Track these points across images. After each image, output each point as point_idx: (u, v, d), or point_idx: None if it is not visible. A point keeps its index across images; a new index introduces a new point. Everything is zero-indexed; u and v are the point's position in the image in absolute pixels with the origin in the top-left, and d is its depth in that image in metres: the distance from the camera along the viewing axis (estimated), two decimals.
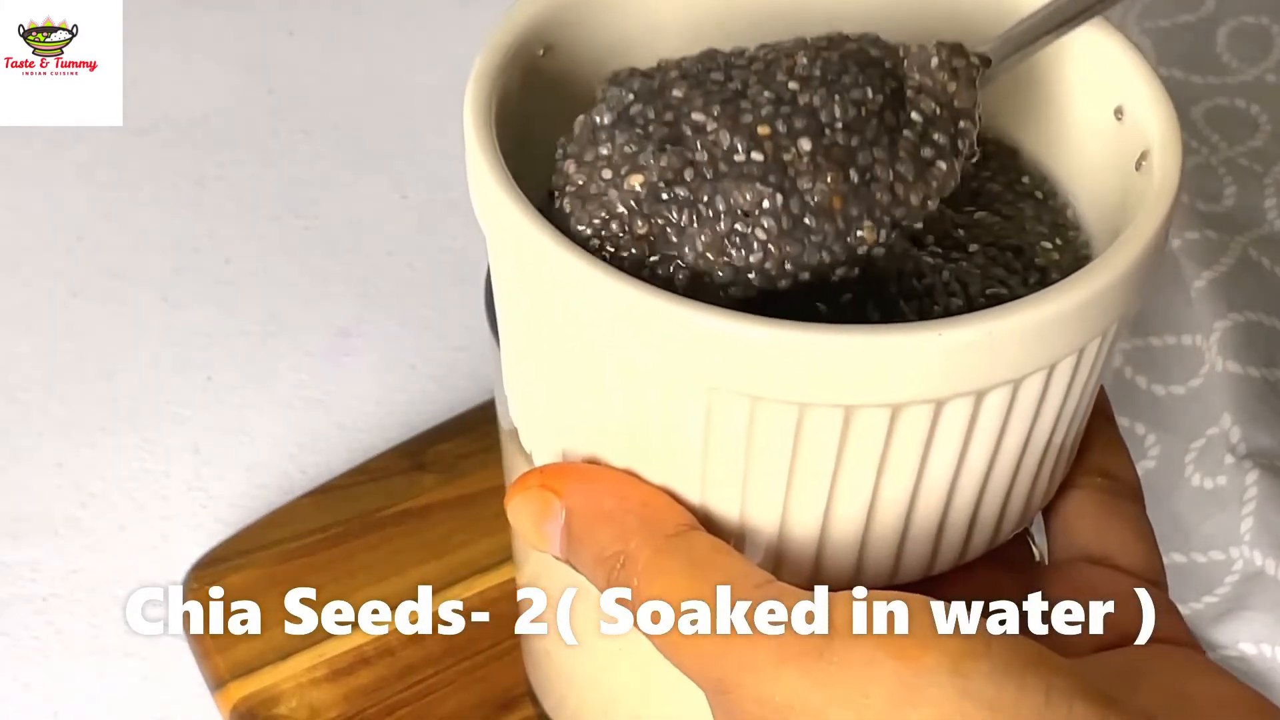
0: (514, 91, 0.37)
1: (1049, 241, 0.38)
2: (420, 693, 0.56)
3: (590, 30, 0.40)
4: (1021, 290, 0.37)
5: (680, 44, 0.40)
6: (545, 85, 0.39)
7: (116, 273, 0.70)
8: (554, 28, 0.39)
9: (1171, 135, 0.36)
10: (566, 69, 0.39)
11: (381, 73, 0.78)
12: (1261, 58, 0.70)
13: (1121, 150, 0.38)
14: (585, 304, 0.33)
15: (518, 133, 0.37)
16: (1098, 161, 0.39)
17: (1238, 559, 0.56)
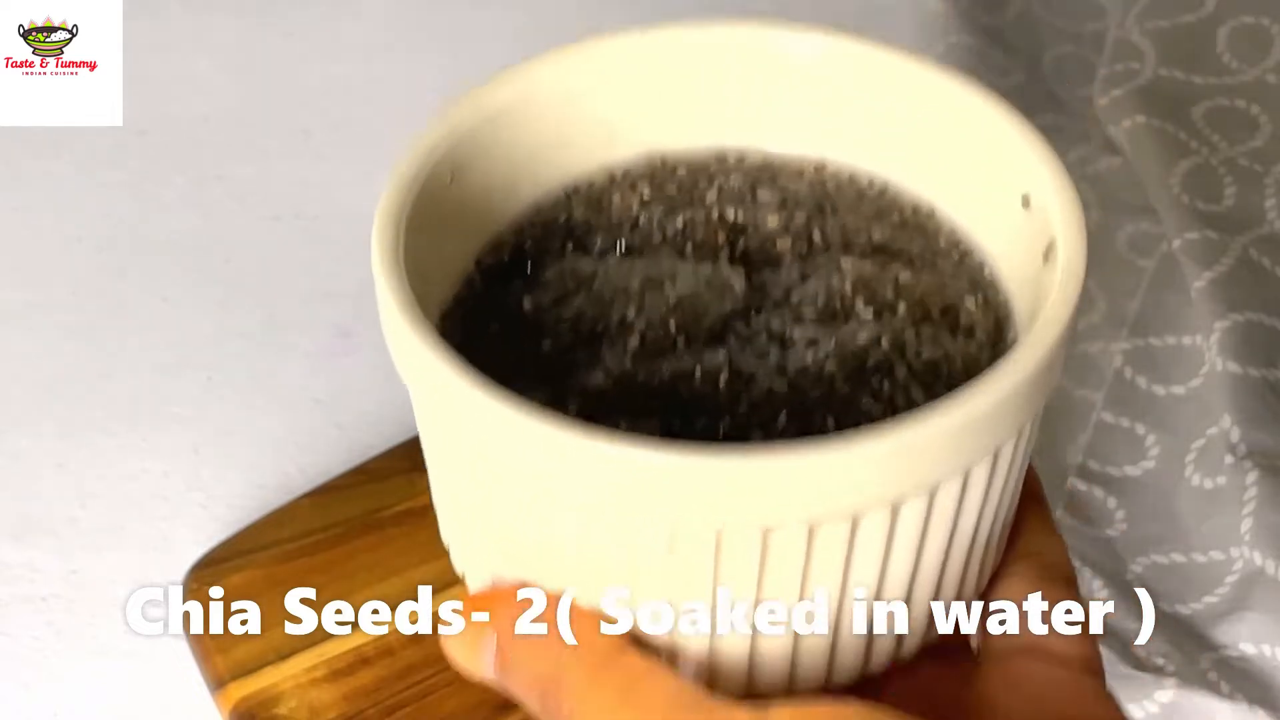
0: (422, 218, 0.38)
1: (971, 301, 0.39)
2: (420, 693, 0.56)
3: (496, 151, 0.40)
4: (954, 350, 0.37)
5: (586, 155, 0.40)
6: (453, 208, 0.39)
7: (116, 273, 0.70)
8: (460, 153, 0.39)
9: (1075, 230, 0.36)
10: (475, 191, 0.39)
11: (381, 73, 0.78)
12: (1261, 58, 0.70)
13: (1030, 238, 0.38)
14: (499, 440, 0.33)
15: (424, 253, 0.37)
16: (1009, 240, 0.39)
17: (1238, 559, 0.56)
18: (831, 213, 0.41)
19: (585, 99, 0.41)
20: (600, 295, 0.38)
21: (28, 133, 0.75)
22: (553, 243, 0.40)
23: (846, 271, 0.39)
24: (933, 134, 0.40)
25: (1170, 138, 0.67)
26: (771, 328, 0.38)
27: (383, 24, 0.80)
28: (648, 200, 0.41)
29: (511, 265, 0.40)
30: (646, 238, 0.40)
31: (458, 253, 0.39)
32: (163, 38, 0.79)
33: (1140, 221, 0.66)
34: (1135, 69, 0.69)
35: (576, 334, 0.38)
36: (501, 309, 0.38)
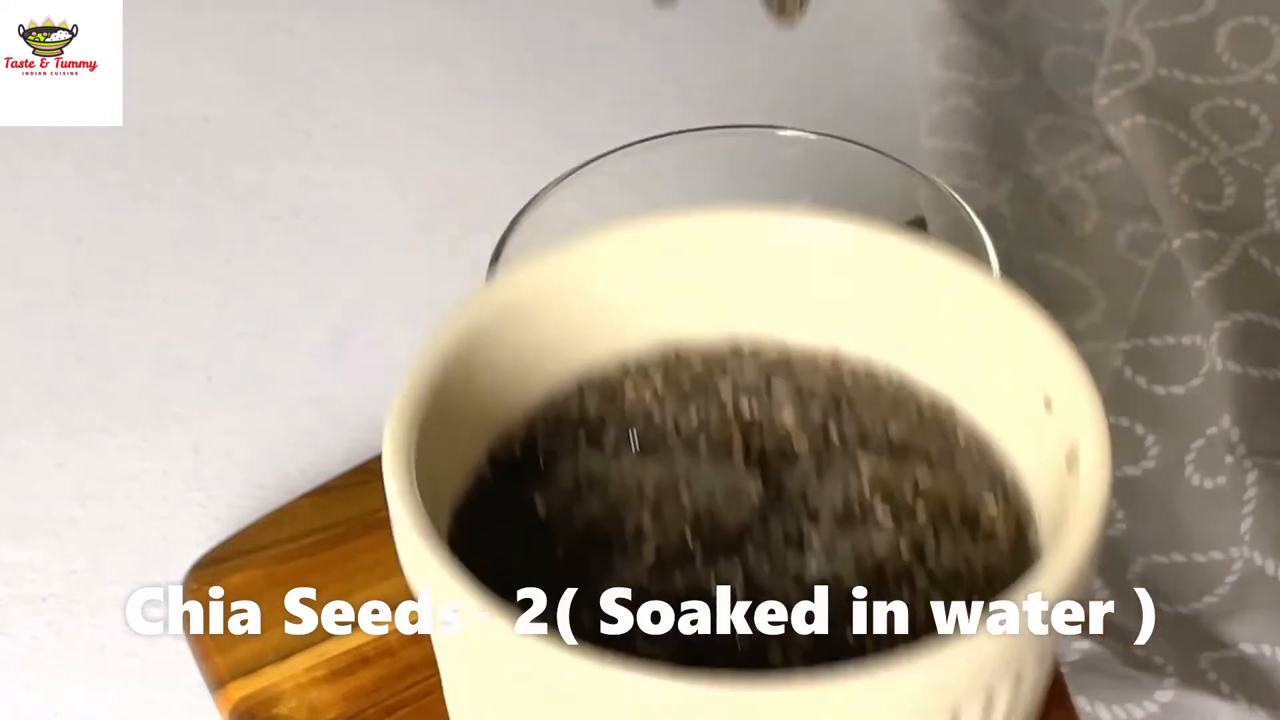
0: (434, 418, 0.37)
1: (992, 503, 0.38)
2: (420, 693, 0.56)
3: (508, 345, 0.39)
4: (974, 555, 0.37)
5: (598, 344, 0.40)
6: (466, 405, 0.39)
7: (116, 273, 0.70)
8: (472, 351, 0.39)
9: (1098, 439, 0.36)
10: (487, 386, 0.39)
11: (381, 73, 0.78)
12: (1261, 58, 0.70)
13: (1052, 441, 0.37)
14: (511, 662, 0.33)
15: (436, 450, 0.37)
16: (1030, 440, 0.38)
17: (1237, 559, 0.56)
18: (848, 407, 0.40)
19: (597, 289, 0.40)
20: (614, 500, 0.38)
21: (28, 133, 0.75)
22: (565, 436, 0.39)
23: (864, 471, 0.38)
24: (951, 327, 0.39)
25: (1170, 138, 0.67)
26: (789, 536, 0.37)
27: (383, 24, 0.80)
28: (661, 392, 0.40)
29: (524, 459, 0.39)
30: (660, 433, 0.39)
31: (470, 446, 0.39)
32: (163, 38, 0.79)
33: (1140, 221, 0.66)
34: (1135, 69, 0.69)
35: (589, 541, 0.37)
36: (514, 508, 0.38)
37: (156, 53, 0.78)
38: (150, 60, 0.78)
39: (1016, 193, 0.67)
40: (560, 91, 0.77)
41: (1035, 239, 0.66)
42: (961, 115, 0.69)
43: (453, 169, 0.74)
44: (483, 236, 0.71)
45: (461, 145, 0.75)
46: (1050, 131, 0.70)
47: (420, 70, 0.78)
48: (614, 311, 0.41)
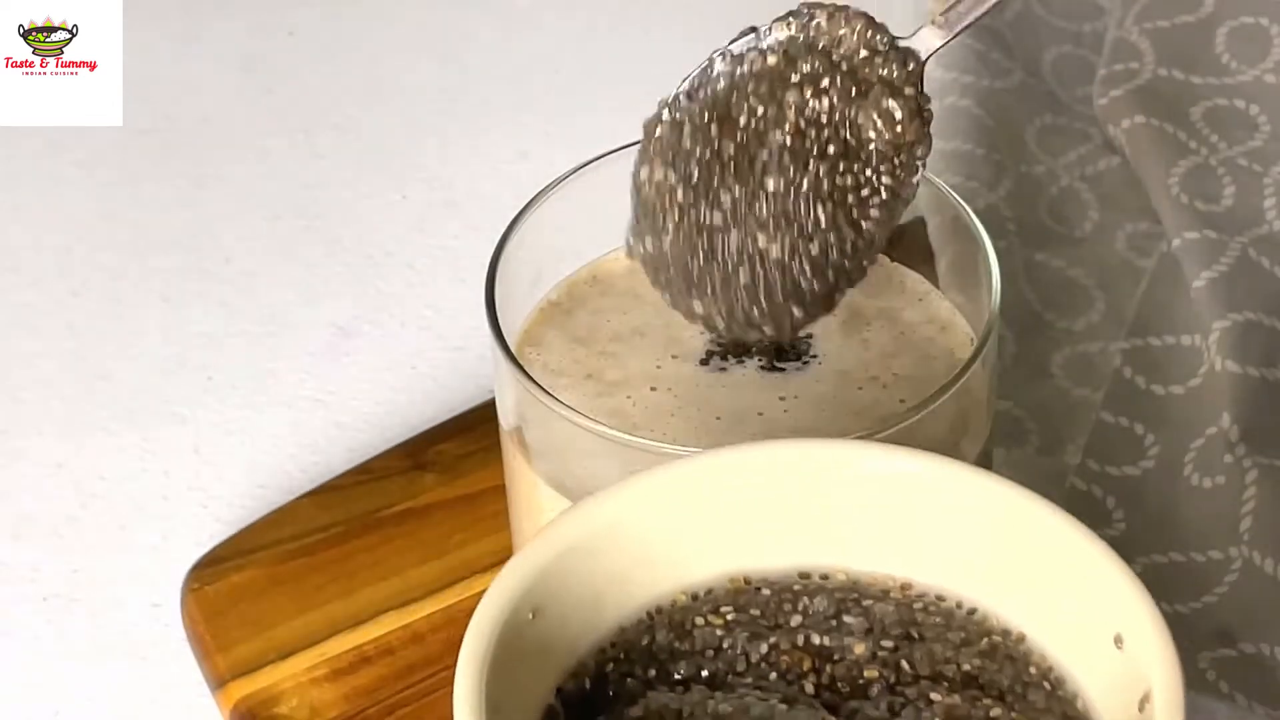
0: (503, 657, 0.37)
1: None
2: (420, 692, 0.56)
3: (576, 582, 0.39)
4: None
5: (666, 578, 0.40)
6: (535, 642, 0.39)
7: (116, 273, 0.70)
8: (541, 589, 0.39)
9: (1172, 683, 0.36)
10: (555, 622, 0.39)
11: (381, 73, 0.78)
12: (1261, 58, 0.70)
13: (1124, 679, 0.37)
14: None
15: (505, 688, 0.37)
16: (1102, 675, 0.38)
17: (1237, 558, 0.56)
18: (919, 639, 0.40)
19: (664, 523, 0.40)
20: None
21: (28, 133, 0.75)
22: (635, 671, 0.39)
23: (937, 707, 0.38)
24: (1021, 559, 0.39)
25: (1170, 138, 0.67)
26: None
27: (383, 24, 0.80)
28: (731, 623, 0.40)
29: (594, 693, 0.39)
30: (730, 666, 0.39)
31: (539, 684, 0.38)
32: (163, 38, 0.79)
33: (1140, 221, 0.66)
34: (1135, 69, 0.69)
35: None
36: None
37: (156, 53, 0.78)
38: (150, 60, 0.78)
39: (1016, 193, 0.67)
40: (560, 91, 0.77)
41: (1035, 239, 0.66)
42: (961, 115, 0.69)
43: (453, 169, 0.74)
44: (483, 236, 0.71)
45: (461, 145, 0.75)
46: (1050, 131, 0.70)
47: (420, 70, 0.78)
48: (680, 545, 0.40)
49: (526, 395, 0.47)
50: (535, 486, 0.48)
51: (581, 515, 0.39)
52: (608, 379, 0.50)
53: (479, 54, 0.79)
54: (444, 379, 0.67)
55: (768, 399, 0.49)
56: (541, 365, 0.50)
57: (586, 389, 0.49)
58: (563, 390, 0.49)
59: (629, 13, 0.80)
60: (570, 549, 0.39)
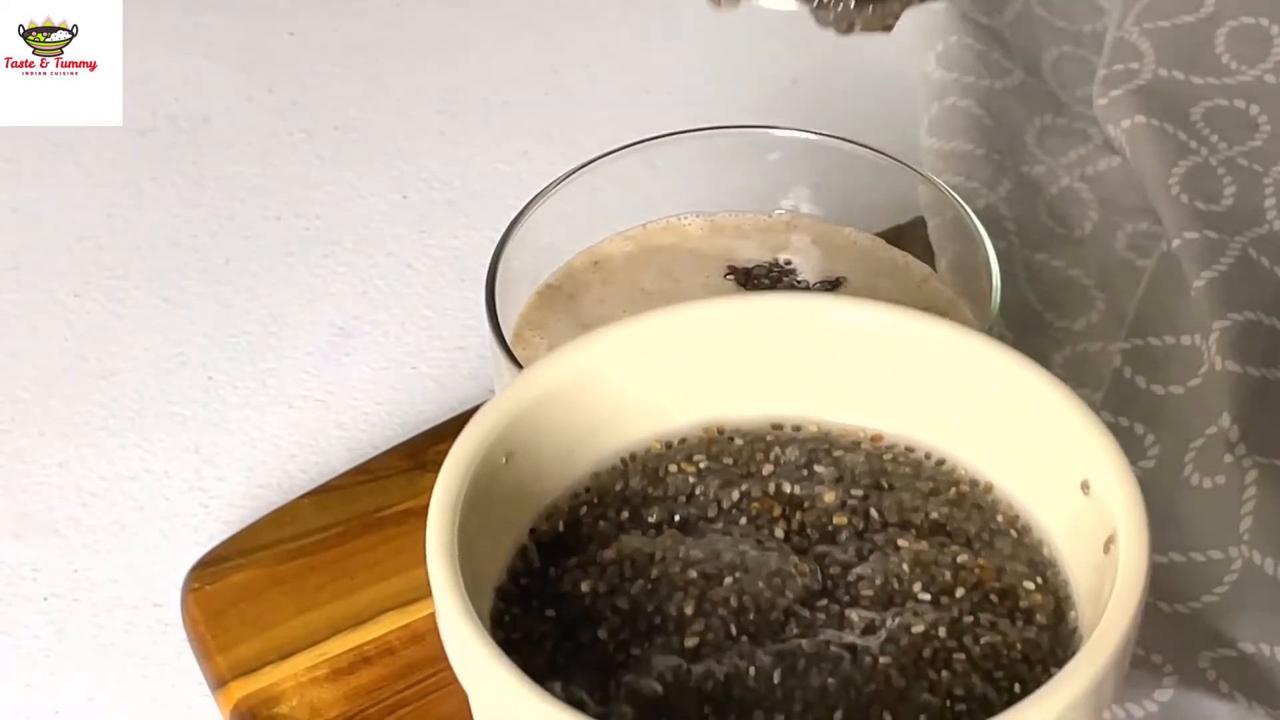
0: (476, 500, 0.38)
1: (1030, 581, 0.39)
2: (421, 692, 0.56)
3: (550, 428, 0.40)
4: (1013, 636, 0.37)
5: (641, 426, 0.41)
6: (508, 486, 0.39)
7: (116, 273, 0.70)
8: (514, 434, 0.39)
9: (1137, 524, 0.36)
10: (529, 467, 0.39)
11: (381, 73, 0.78)
12: (1261, 58, 0.70)
13: (1090, 524, 0.38)
14: None
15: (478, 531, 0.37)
16: (1069, 521, 0.39)
17: (1237, 558, 0.56)
18: (889, 488, 0.40)
19: (639, 373, 0.41)
20: (656, 583, 0.38)
21: (28, 133, 0.75)
22: (608, 514, 0.40)
23: (904, 552, 0.39)
24: (990, 410, 0.40)
25: (1170, 138, 0.67)
26: (829, 617, 0.37)
27: (383, 24, 0.80)
28: (704, 470, 0.41)
29: (567, 537, 0.39)
30: (702, 511, 0.40)
31: (512, 525, 0.39)
32: (163, 38, 0.79)
33: (1140, 221, 0.66)
34: (1135, 69, 0.69)
35: (629, 625, 0.37)
36: (556, 586, 0.38)
37: (156, 53, 0.78)
38: (150, 60, 0.78)
39: (1016, 193, 0.67)
40: (560, 92, 0.77)
41: (1035, 239, 0.66)
42: (961, 115, 0.69)
43: (453, 169, 0.74)
44: (483, 236, 0.71)
45: (461, 145, 0.75)
46: (1050, 131, 0.70)
47: (420, 70, 0.78)
48: (655, 394, 0.41)
49: None
50: None
51: (557, 362, 0.40)
52: None
53: (479, 54, 0.79)
54: (444, 379, 0.67)
55: None
56: (547, 349, 0.50)
57: None
58: None
59: (629, 13, 0.81)
60: (546, 395, 0.40)
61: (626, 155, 0.52)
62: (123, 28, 0.71)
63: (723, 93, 0.76)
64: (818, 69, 0.77)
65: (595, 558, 0.39)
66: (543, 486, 0.40)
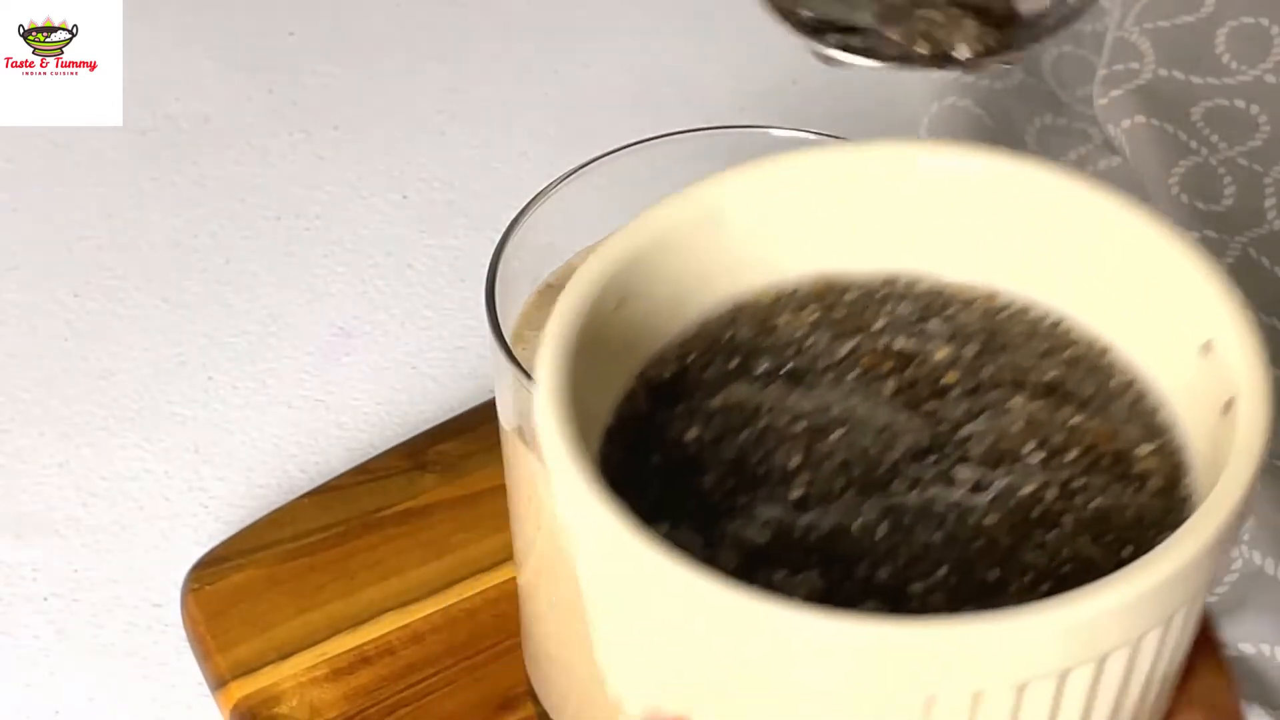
0: (587, 344, 0.37)
1: (1145, 445, 0.38)
2: (420, 692, 0.56)
3: (663, 274, 0.39)
4: (1124, 500, 0.37)
5: (754, 275, 0.40)
6: (619, 331, 0.38)
7: (116, 273, 0.70)
8: (627, 278, 0.38)
9: (1259, 387, 0.35)
10: (640, 313, 0.39)
11: (381, 73, 0.78)
12: (1261, 58, 0.70)
13: (1210, 386, 0.37)
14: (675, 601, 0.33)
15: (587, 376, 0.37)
16: (1187, 384, 0.38)
17: (1237, 559, 0.56)
18: (1002, 348, 0.40)
19: (755, 220, 0.40)
20: (763, 433, 0.38)
21: (28, 133, 0.75)
22: (716, 363, 0.39)
23: (1016, 412, 0.38)
24: (1110, 267, 0.39)
25: (1170, 138, 0.67)
26: (937, 474, 0.37)
27: (383, 24, 0.80)
28: (815, 323, 0.40)
29: (675, 384, 0.39)
30: (812, 364, 0.39)
31: (620, 371, 0.38)
32: (163, 38, 0.79)
33: None
34: (1135, 69, 0.69)
35: (735, 473, 0.37)
36: (662, 434, 0.38)
37: (156, 53, 0.78)
38: (150, 60, 0.78)
39: None
40: (560, 91, 0.77)
41: None
42: (961, 115, 0.69)
43: (453, 169, 0.74)
44: (483, 236, 0.71)
45: (461, 145, 0.75)
46: (1050, 131, 0.70)
47: (420, 70, 0.78)
48: (769, 243, 0.40)
49: (527, 395, 0.47)
50: (536, 484, 0.48)
51: (675, 206, 0.39)
52: None
53: (479, 54, 0.79)
54: (444, 379, 0.67)
55: None
56: None
57: None
58: None
59: (629, 13, 0.81)
60: (661, 238, 0.39)
61: (626, 155, 0.52)
62: (123, 28, 0.71)
63: (723, 93, 0.76)
64: (818, 69, 0.77)
65: (702, 406, 0.38)
66: (652, 333, 0.39)
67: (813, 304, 0.40)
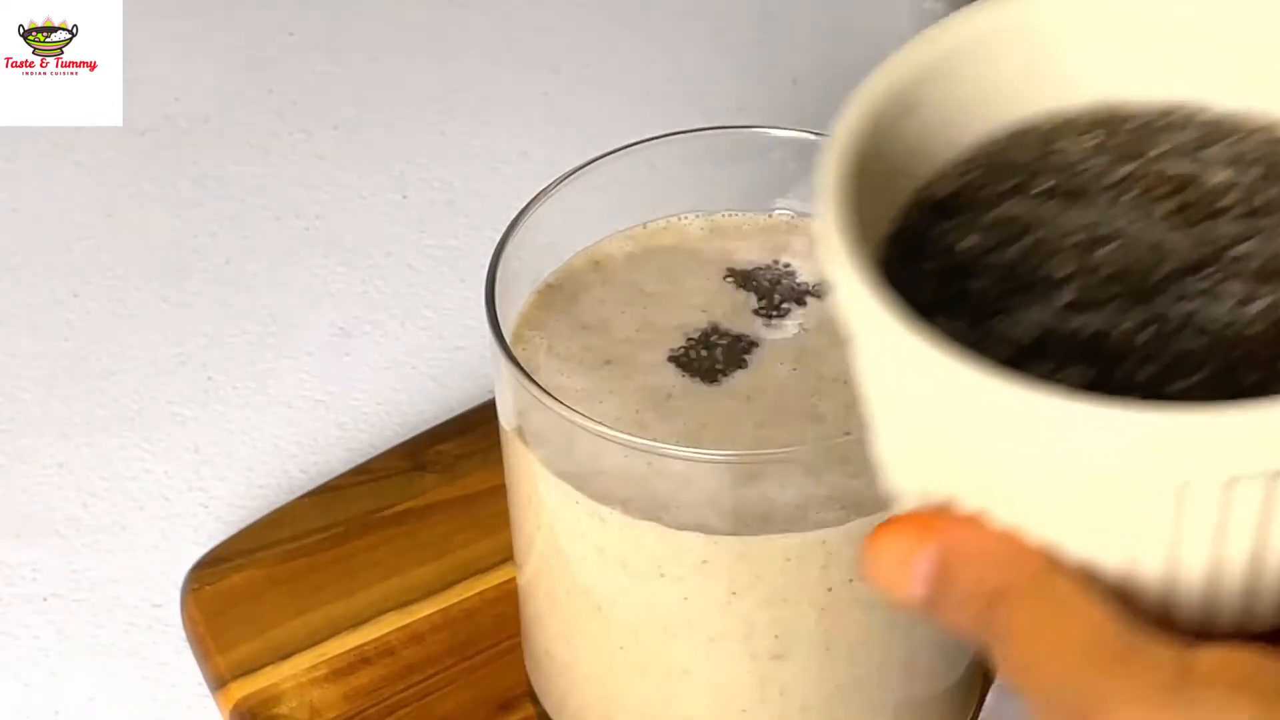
0: (870, 153, 0.38)
1: None
2: (420, 693, 0.56)
3: (949, 89, 0.40)
4: None
5: (1036, 98, 0.41)
6: (901, 143, 0.39)
7: (116, 273, 0.70)
8: (915, 89, 0.39)
9: None
10: (923, 126, 0.40)
11: (381, 72, 0.78)
12: None
13: None
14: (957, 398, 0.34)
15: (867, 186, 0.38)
16: None
17: None
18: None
19: (1042, 41, 0.41)
20: (1037, 245, 0.39)
21: (28, 133, 0.75)
22: (995, 180, 0.40)
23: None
24: None
25: None
26: (1204, 288, 0.38)
27: (383, 24, 0.80)
28: (1095, 148, 0.41)
29: (952, 198, 0.40)
30: (1089, 184, 0.40)
31: (901, 181, 0.39)
32: (163, 38, 0.79)
33: None
34: None
35: (1008, 279, 0.38)
36: (938, 243, 0.39)
37: (156, 53, 0.78)
38: (150, 60, 0.78)
39: None
40: (560, 92, 0.77)
41: None
42: None
43: (453, 169, 0.74)
44: (483, 236, 0.71)
45: (461, 145, 0.75)
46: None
47: (420, 70, 0.78)
48: (1056, 65, 0.41)
49: (527, 395, 0.47)
50: (536, 484, 0.48)
51: (967, 21, 0.40)
52: (606, 359, 0.50)
53: (479, 54, 0.79)
54: (444, 379, 0.67)
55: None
56: (546, 349, 0.50)
57: (586, 370, 0.49)
58: (560, 374, 0.49)
59: (628, 13, 0.81)
60: (954, 51, 0.40)
61: (626, 155, 0.52)
62: (123, 28, 0.71)
63: (723, 93, 0.76)
64: (818, 69, 0.77)
65: (979, 219, 0.39)
66: (934, 147, 0.40)
67: (1094, 130, 0.41)
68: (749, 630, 0.48)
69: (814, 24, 0.79)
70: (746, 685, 0.49)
